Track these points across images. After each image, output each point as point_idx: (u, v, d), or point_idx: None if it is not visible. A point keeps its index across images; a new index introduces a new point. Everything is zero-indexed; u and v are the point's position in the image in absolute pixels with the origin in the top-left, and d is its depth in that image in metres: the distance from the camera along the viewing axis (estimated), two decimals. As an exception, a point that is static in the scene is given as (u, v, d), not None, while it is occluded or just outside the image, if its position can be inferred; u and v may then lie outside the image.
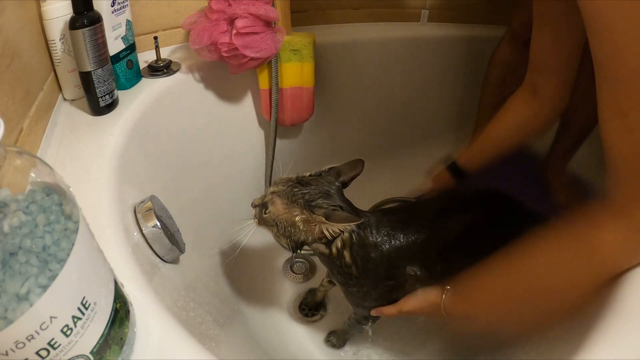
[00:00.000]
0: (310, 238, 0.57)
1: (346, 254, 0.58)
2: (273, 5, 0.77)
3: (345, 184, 0.61)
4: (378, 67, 1.04)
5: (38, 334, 0.28)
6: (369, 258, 0.59)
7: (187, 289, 0.61)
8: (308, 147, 1.06)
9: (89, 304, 0.30)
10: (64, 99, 0.72)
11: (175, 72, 0.81)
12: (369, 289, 0.63)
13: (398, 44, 1.04)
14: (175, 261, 0.62)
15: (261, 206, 0.60)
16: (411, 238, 0.60)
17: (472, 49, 1.06)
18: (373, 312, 0.67)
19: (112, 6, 0.70)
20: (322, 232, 0.55)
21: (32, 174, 0.29)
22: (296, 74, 0.88)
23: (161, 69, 0.80)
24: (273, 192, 0.58)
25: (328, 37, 0.97)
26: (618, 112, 0.36)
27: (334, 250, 0.58)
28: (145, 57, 0.82)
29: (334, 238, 0.56)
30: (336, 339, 0.82)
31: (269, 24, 0.77)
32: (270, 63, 0.83)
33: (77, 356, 0.31)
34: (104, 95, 0.67)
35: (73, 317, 0.29)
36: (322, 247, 0.59)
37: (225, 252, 0.91)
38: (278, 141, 0.94)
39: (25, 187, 0.29)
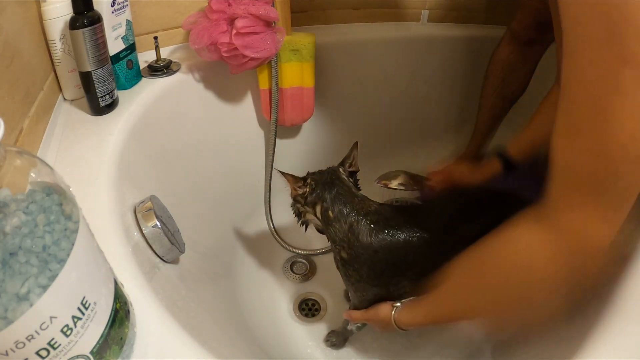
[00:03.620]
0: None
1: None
2: (273, 5, 0.77)
3: (353, 173, 0.68)
4: (378, 67, 1.04)
5: (38, 334, 0.28)
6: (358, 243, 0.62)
7: (187, 289, 0.61)
8: (308, 147, 1.06)
9: (89, 304, 0.30)
10: (64, 99, 0.72)
11: (175, 72, 0.81)
12: (356, 281, 0.64)
13: (398, 44, 1.04)
14: (175, 261, 0.62)
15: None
16: (407, 239, 0.60)
17: (472, 49, 1.06)
18: (344, 315, 0.71)
19: (112, 6, 0.70)
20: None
21: (32, 174, 0.29)
22: (296, 74, 0.88)
23: (161, 69, 0.80)
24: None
25: (328, 37, 0.97)
26: (567, 130, 0.38)
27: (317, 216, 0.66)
28: (145, 57, 0.82)
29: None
30: (336, 339, 0.82)
31: (269, 24, 0.77)
32: (270, 63, 0.83)
33: (77, 356, 0.31)
34: (104, 95, 0.67)
35: (73, 317, 0.29)
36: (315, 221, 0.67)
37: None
38: (278, 141, 0.94)
39: (25, 187, 0.29)
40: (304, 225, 0.70)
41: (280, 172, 0.67)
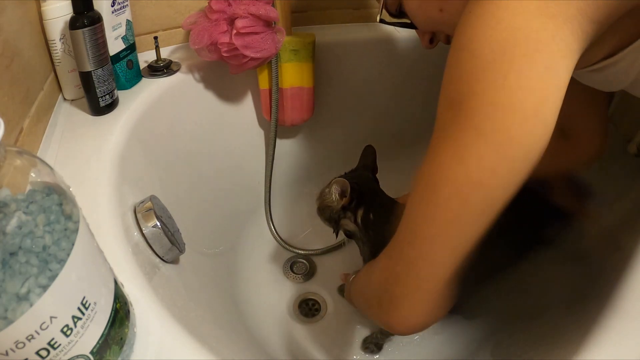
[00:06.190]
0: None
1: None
2: (273, 5, 0.77)
3: (374, 171, 0.75)
4: (378, 67, 1.04)
5: (38, 334, 0.28)
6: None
7: (187, 289, 0.61)
8: (308, 147, 1.06)
9: (89, 304, 0.30)
10: (64, 99, 0.72)
11: (175, 72, 0.81)
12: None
13: (398, 44, 1.04)
14: (175, 261, 0.62)
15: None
16: None
17: (472, 49, 1.06)
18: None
19: (112, 6, 0.70)
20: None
21: (32, 174, 0.29)
22: (296, 74, 0.88)
23: (161, 69, 0.80)
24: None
25: (328, 37, 0.96)
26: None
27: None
28: (145, 57, 0.82)
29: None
30: (374, 345, 0.81)
31: (269, 24, 0.77)
32: (270, 63, 0.83)
33: (77, 356, 0.31)
34: (104, 95, 0.67)
35: (73, 317, 0.29)
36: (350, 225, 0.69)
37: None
38: (278, 141, 0.94)
39: (25, 187, 0.29)
40: (336, 232, 0.73)
41: (339, 186, 0.66)
